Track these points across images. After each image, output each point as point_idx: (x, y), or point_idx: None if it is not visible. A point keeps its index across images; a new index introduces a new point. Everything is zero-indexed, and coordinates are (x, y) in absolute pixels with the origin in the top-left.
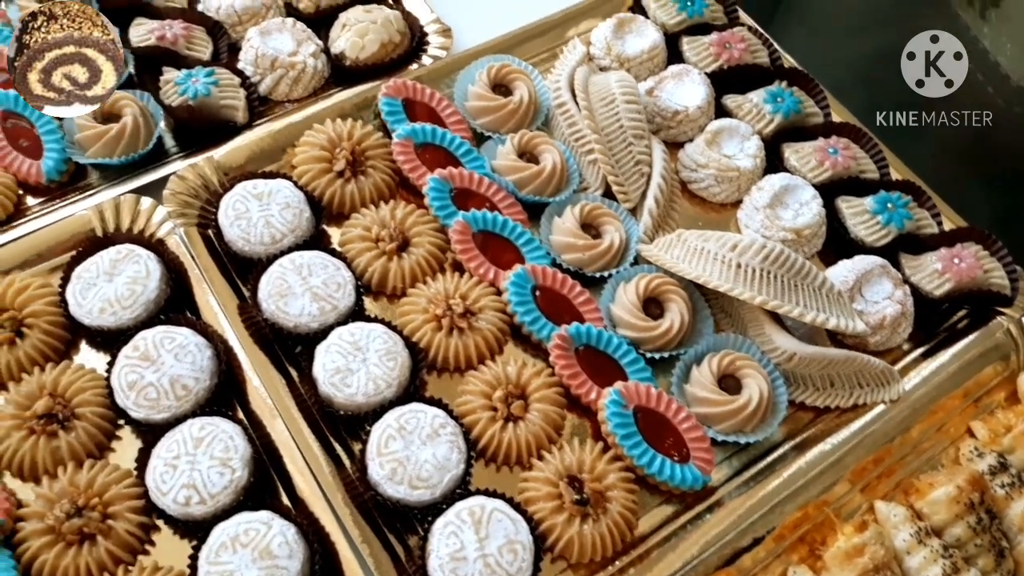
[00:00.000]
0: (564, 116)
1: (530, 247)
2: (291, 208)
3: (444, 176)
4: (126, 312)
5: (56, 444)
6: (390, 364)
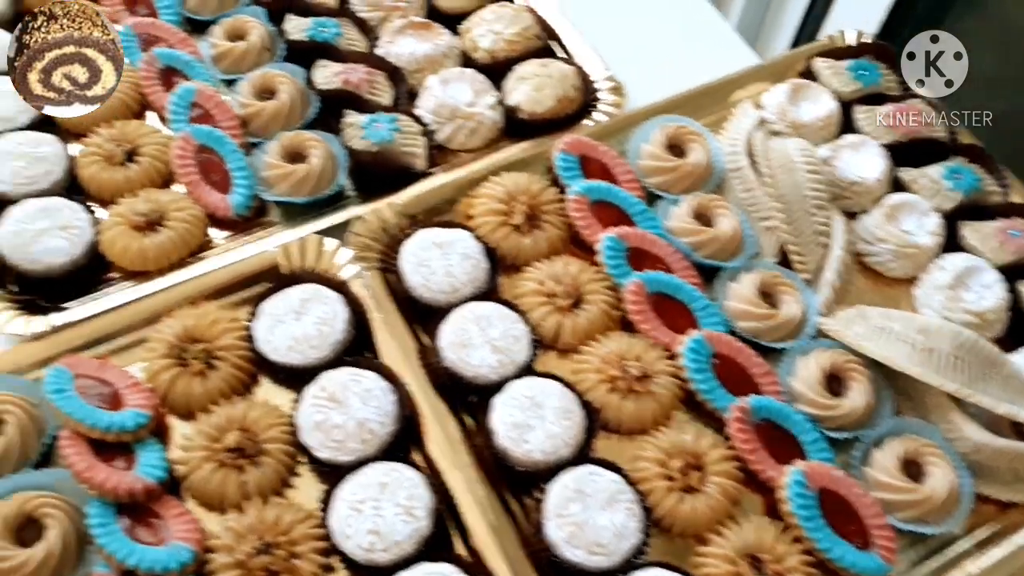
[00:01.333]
0: (740, 180)
1: (706, 312)
2: (470, 259)
3: (619, 235)
4: (313, 351)
5: (244, 478)
6: (567, 423)
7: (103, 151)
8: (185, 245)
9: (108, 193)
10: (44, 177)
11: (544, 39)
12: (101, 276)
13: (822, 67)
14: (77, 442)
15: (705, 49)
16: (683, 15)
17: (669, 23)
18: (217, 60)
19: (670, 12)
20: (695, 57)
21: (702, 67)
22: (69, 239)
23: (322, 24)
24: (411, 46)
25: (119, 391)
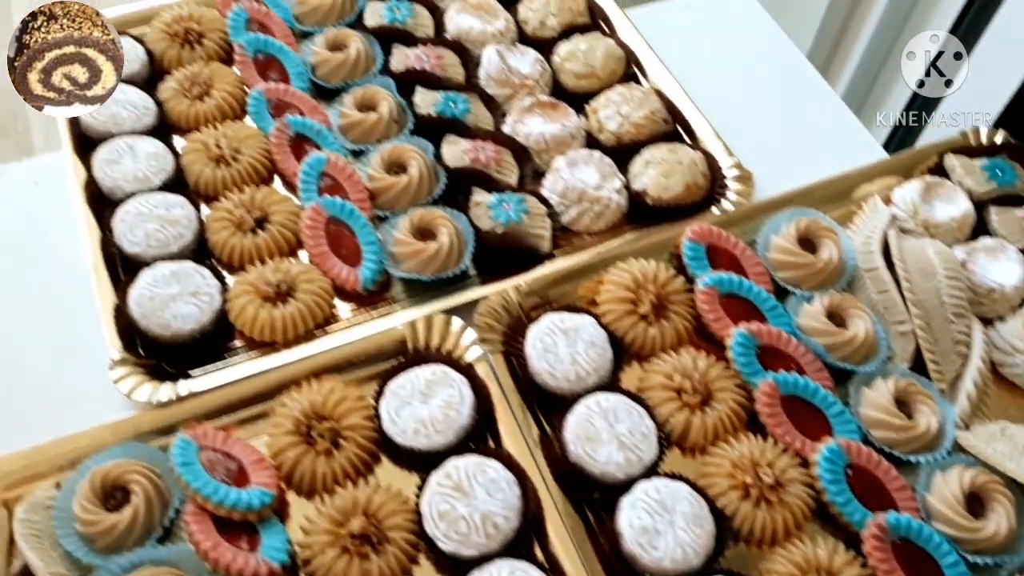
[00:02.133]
0: (875, 282)
1: (840, 419)
2: (596, 347)
3: (751, 331)
4: (439, 436)
5: (367, 567)
6: (697, 531)
7: (234, 217)
8: (313, 317)
9: (237, 259)
10: (175, 240)
11: (671, 123)
12: (226, 343)
13: (955, 164)
14: (202, 518)
15: (829, 139)
16: (809, 105)
17: (795, 112)
18: (346, 130)
19: (796, 101)
20: (819, 147)
21: (826, 157)
22: (199, 305)
23: (452, 99)
24: (538, 125)
25: (244, 466)
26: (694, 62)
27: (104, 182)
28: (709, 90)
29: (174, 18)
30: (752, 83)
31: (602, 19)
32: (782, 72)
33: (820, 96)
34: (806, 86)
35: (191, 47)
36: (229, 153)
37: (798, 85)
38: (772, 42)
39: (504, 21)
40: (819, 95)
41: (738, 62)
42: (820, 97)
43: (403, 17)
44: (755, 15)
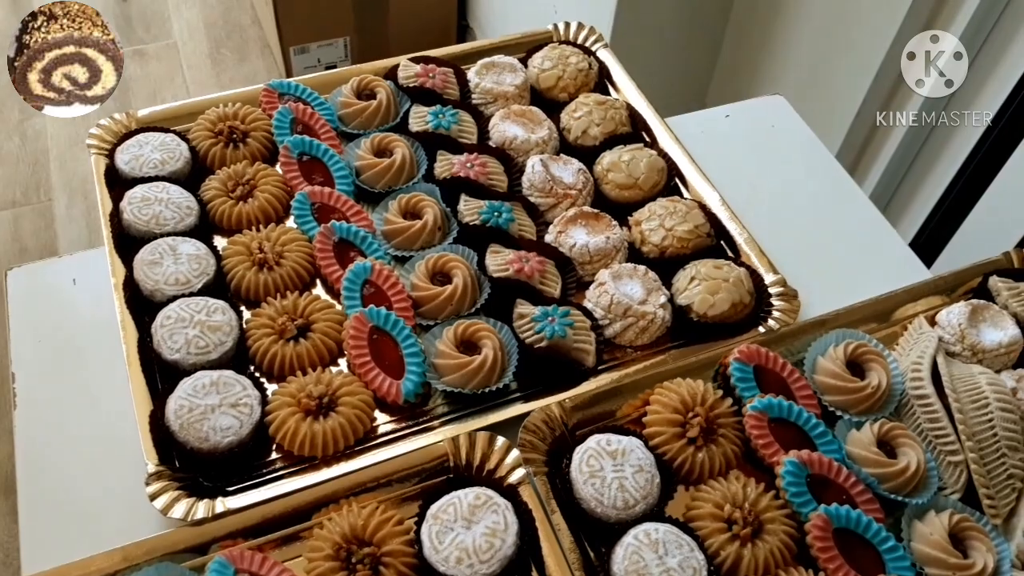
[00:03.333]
0: (926, 410)
1: (894, 555)
2: (644, 472)
3: (802, 460)
4: (482, 567)
5: None
6: None
7: (276, 324)
8: (354, 431)
9: (278, 368)
10: (216, 348)
11: (714, 238)
12: (264, 457)
13: (1000, 287)
14: None
15: (871, 256)
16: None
17: (835, 227)
18: (390, 236)
19: (836, 216)
20: (862, 264)
21: (868, 274)
22: (239, 417)
23: (496, 208)
24: (582, 237)
25: None
26: (734, 173)
27: (145, 284)
28: (750, 203)
29: (219, 116)
30: (791, 196)
31: (644, 129)
32: (821, 184)
33: (860, 210)
34: (844, 199)
35: (235, 146)
36: (272, 257)
37: (837, 199)
38: (810, 152)
39: (547, 130)
40: (859, 209)
41: (777, 174)
42: (860, 211)
43: (448, 123)
44: (793, 124)
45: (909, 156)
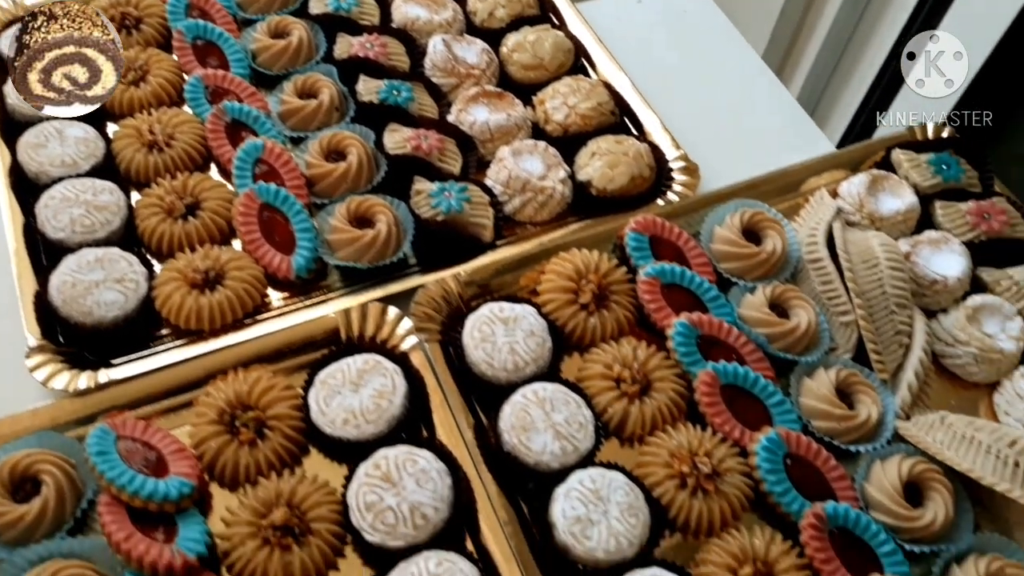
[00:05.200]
0: (819, 273)
1: (780, 408)
2: (535, 336)
3: (692, 321)
4: (369, 426)
5: (289, 559)
6: (632, 521)
7: (164, 203)
8: (242, 305)
9: (167, 247)
10: (103, 227)
11: (618, 115)
12: (152, 332)
13: (901, 159)
14: (116, 509)
15: (779, 134)
16: (759, 100)
17: (742, 104)
18: (285, 117)
19: (746, 96)
20: (768, 140)
21: (776, 152)
22: (124, 292)
23: (395, 87)
24: (483, 115)
25: (164, 456)
26: (643, 57)
27: (29, 167)
28: (658, 84)
29: (111, 2)
30: (702, 78)
31: (552, 12)
32: (733, 67)
33: (771, 91)
34: (757, 81)
35: (128, 32)
36: (163, 139)
37: (749, 80)
38: (723, 38)
39: (452, 11)
40: (769, 90)
41: (688, 57)
42: (771, 92)
43: (348, 5)
44: (707, 12)
45: (834, 57)
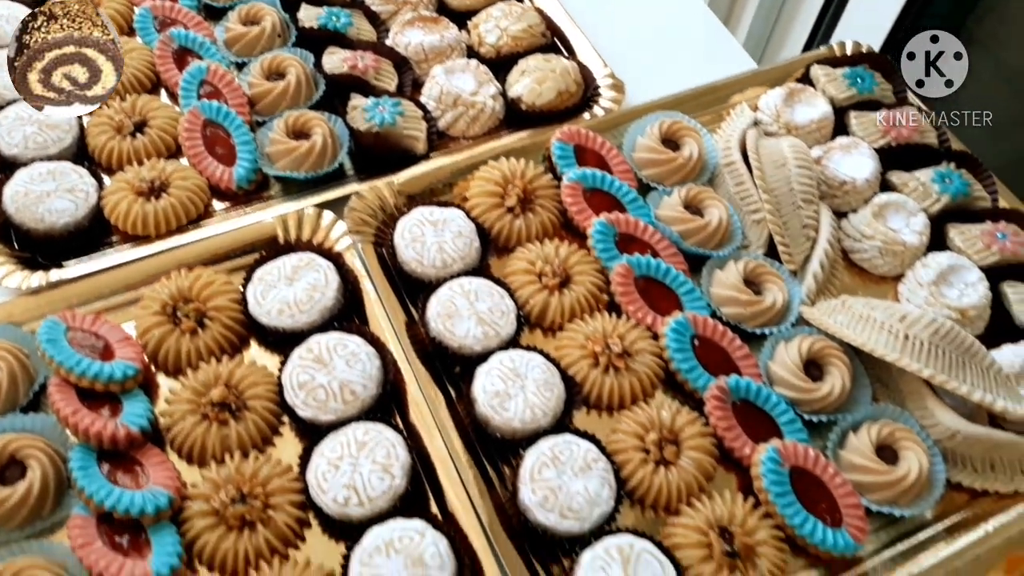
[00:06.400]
0: (732, 175)
1: (690, 296)
2: (463, 237)
3: (610, 220)
4: (303, 316)
5: (226, 432)
6: (547, 394)
7: (113, 122)
8: (186, 212)
9: (116, 162)
10: (55, 144)
11: (549, 37)
12: (102, 239)
13: (819, 74)
14: (65, 389)
15: (705, 54)
16: (686, 21)
17: (672, 28)
18: (230, 43)
19: (673, 18)
20: (695, 62)
21: (702, 72)
22: (74, 201)
23: (335, 13)
24: (418, 37)
25: (111, 345)
26: None
27: None
28: (589, 6)
29: None
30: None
31: None
32: None
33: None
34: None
35: None
36: None
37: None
38: None
39: None
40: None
41: None
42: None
43: None
44: None
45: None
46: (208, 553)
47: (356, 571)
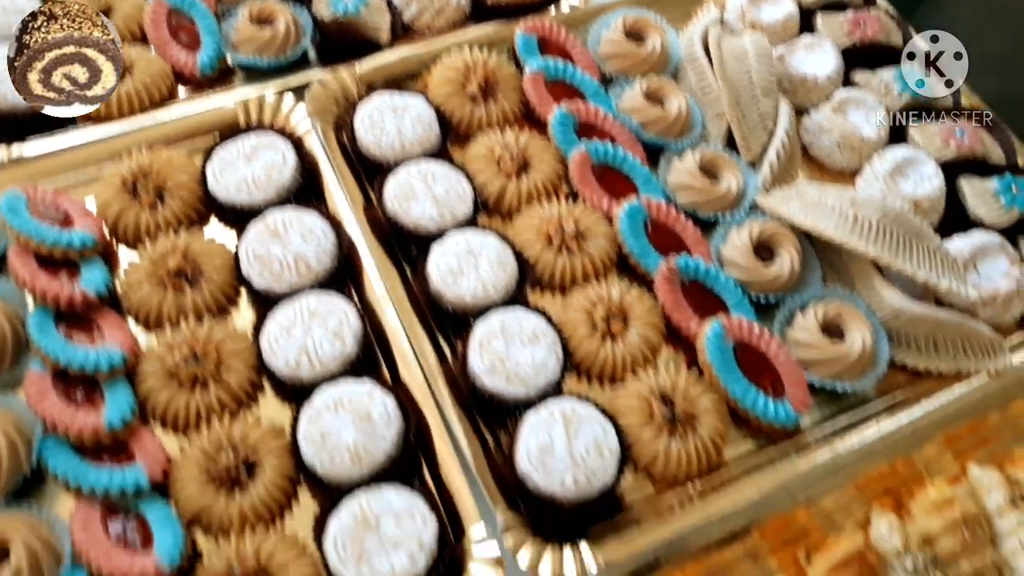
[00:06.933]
0: (695, 68)
1: (647, 183)
2: (423, 123)
3: (570, 109)
4: (259, 192)
5: (182, 299)
6: (499, 272)
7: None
8: (148, 96)
9: None
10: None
11: None
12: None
13: None
14: (25, 256)
15: None
16: None
17: None
18: None
19: None
20: None
21: None
22: None
23: None
24: None
25: (71, 216)
26: None
27: None
28: None
29: None
30: None
31: None
32: None
33: None
34: None
35: None
36: None
37: None
38: None
39: None
40: None
41: None
42: None
43: None
44: None
45: None
46: (161, 409)
47: (305, 427)
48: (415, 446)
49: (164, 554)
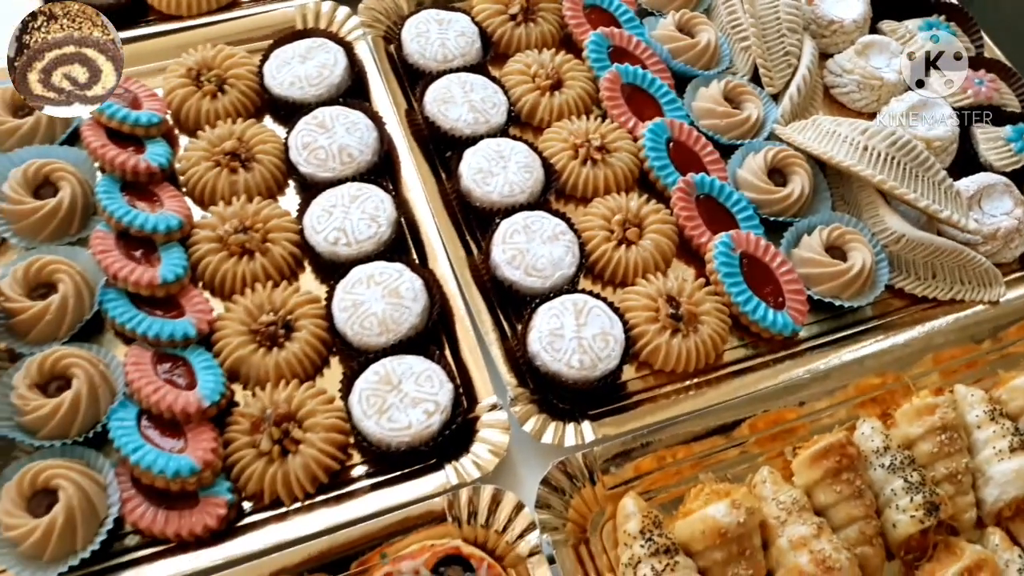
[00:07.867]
0: (726, 5)
1: (672, 106)
2: (465, 37)
3: (605, 33)
4: (311, 89)
5: (234, 179)
6: (526, 175)
7: None
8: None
9: None
10: None
11: None
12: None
13: None
14: (96, 128)
15: None
16: None
17: None
18: None
19: None
20: None
21: None
22: None
23: None
24: None
25: (139, 98)
26: None
27: None
28: None
29: None
30: None
31: None
32: None
33: None
34: None
35: None
36: None
37: None
38: None
39: None
40: None
41: None
42: None
43: None
44: None
45: None
46: (209, 273)
47: (339, 296)
48: (438, 324)
49: (206, 394)
